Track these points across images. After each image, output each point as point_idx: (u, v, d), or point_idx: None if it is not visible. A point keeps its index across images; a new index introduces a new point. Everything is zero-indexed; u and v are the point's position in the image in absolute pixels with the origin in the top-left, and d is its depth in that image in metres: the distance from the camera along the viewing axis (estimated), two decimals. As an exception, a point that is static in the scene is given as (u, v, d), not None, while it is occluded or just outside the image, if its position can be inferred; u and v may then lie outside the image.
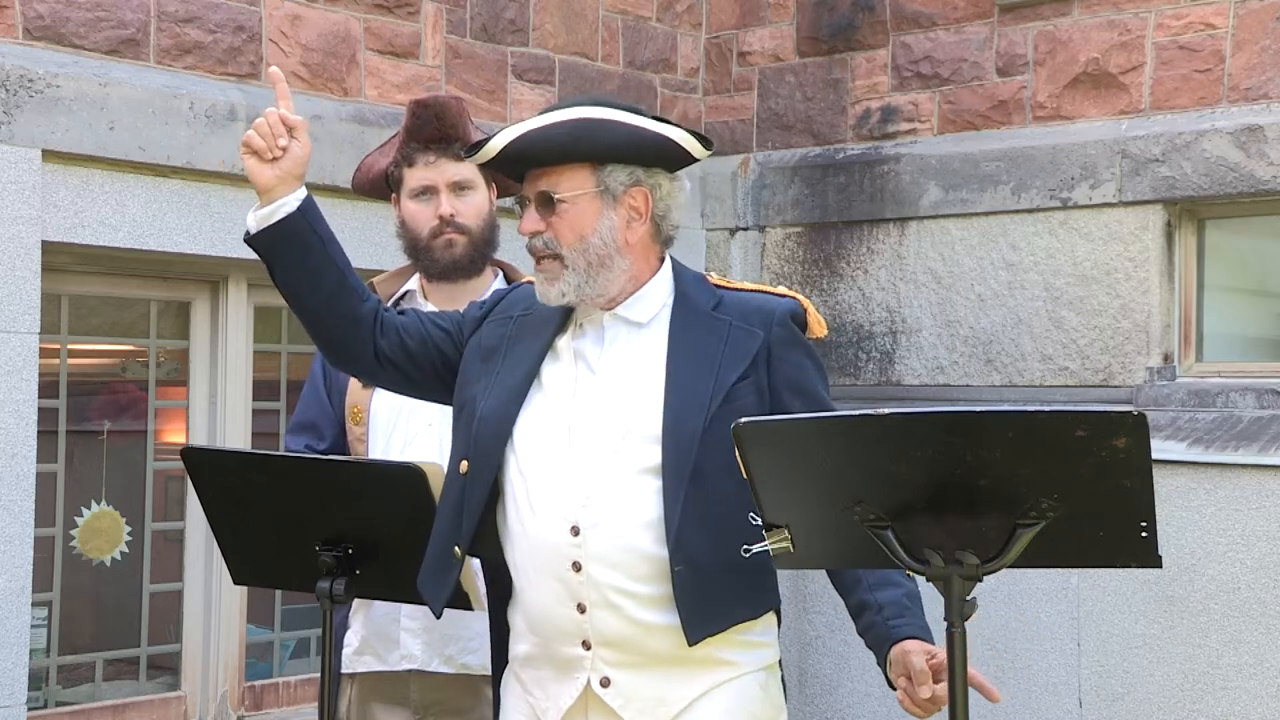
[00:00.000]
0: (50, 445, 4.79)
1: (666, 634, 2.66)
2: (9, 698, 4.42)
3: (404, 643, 3.32)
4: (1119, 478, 2.19)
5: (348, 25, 5.39)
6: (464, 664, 3.33)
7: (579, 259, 2.73)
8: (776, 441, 2.35)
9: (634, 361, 2.76)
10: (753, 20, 6.48)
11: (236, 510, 2.97)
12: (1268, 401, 5.17)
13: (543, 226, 2.74)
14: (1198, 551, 5.10)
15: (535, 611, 2.71)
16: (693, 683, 2.70)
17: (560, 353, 2.79)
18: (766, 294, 2.86)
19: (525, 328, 2.84)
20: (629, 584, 2.65)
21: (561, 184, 2.73)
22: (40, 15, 4.64)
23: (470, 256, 3.40)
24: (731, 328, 2.77)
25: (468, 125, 3.40)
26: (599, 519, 2.66)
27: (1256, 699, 4.99)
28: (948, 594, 2.29)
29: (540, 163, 2.73)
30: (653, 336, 2.77)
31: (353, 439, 3.40)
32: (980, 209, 5.78)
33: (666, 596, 2.65)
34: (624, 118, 2.73)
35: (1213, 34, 5.41)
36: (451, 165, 3.38)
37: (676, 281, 2.83)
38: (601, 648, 2.67)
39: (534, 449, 2.72)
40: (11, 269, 4.47)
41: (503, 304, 2.93)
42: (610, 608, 2.65)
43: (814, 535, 2.38)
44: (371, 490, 2.86)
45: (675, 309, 2.79)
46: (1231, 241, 5.56)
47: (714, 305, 2.80)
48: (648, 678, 2.68)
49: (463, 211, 3.38)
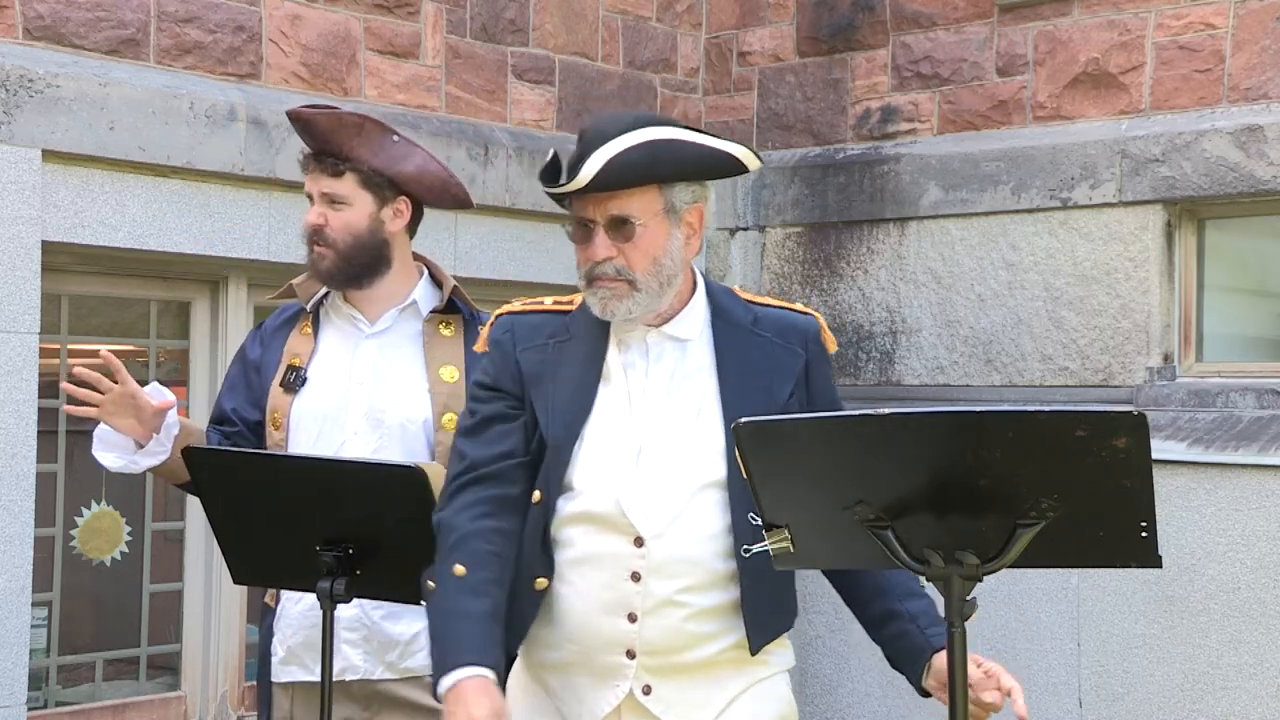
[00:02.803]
0: (50, 445, 4.79)
1: (714, 642, 2.71)
2: (9, 698, 4.42)
3: (344, 653, 3.30)
4: (1119, 478, 2.19)
5: (348, 25, 5.39)
6: (406, 668, 3.32)
7: (652, 282, 2.72)
8: (776, 441, 2.35)
9: (684, 377, 2.77)
10: (753, 20, 6.48)
11: (237, 510, 2.97)
12: (1268, 401, 5.17)
13: (614, 252, 2.70)
14: (1198, 551, 5.10)
15: (578, 620, 2.72)
16: (730, 685, 2.75)
17: (610, 371, 2.78)
18: (790, 310, 2.88)
19: (566, 352, 2.81)
20: (687, 595, 2.68)
21: (633, 207, 2.69)
22: (40, 15, 4.65)
23: (337, 269, 3.36)
24: (773, 345, 2.80)
25: (345, 141, 3.35)
26: (663, 530, 2.68)
27: (1256, 699, 4.99)
28: (948, 594, 2.29)
29: (616, 187, 2.69)
30: (697, 352, 2.79)
31: (271, 444, 3.38)
32: (980, 209, 5.78)
33: (720, 606, 2.70)
34: (688, 136, 2.73)
35: (1213, 34, 5.41)
36: (325, 178, 3.37)
37: (709, 295, 2.84)
38: (646, 656, 2.69)
39: (596, 465, 2.72)
40: (11, 269, 4.47)
41: (521, 332, 2.85)
42: (665, 617, 2.68)
43: (814, 535, 2.38)
44: (372, 490, 2.86)
45: (715, 324, 2.81)
46: (1231, 241, 5.56)
47: (752, 321, 2.82)
48: (689, 683, 2.72)
49: (331, 223, 3.36)
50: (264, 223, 5.06)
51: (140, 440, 3.25)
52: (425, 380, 3.37)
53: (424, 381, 3.37)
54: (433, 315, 3.44)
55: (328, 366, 3.40)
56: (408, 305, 3.43)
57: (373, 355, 3.40)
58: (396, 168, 3.40)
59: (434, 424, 3.34)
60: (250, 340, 3.54)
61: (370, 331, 3.42)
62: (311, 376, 3.39)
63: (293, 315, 3.50)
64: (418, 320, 3.44)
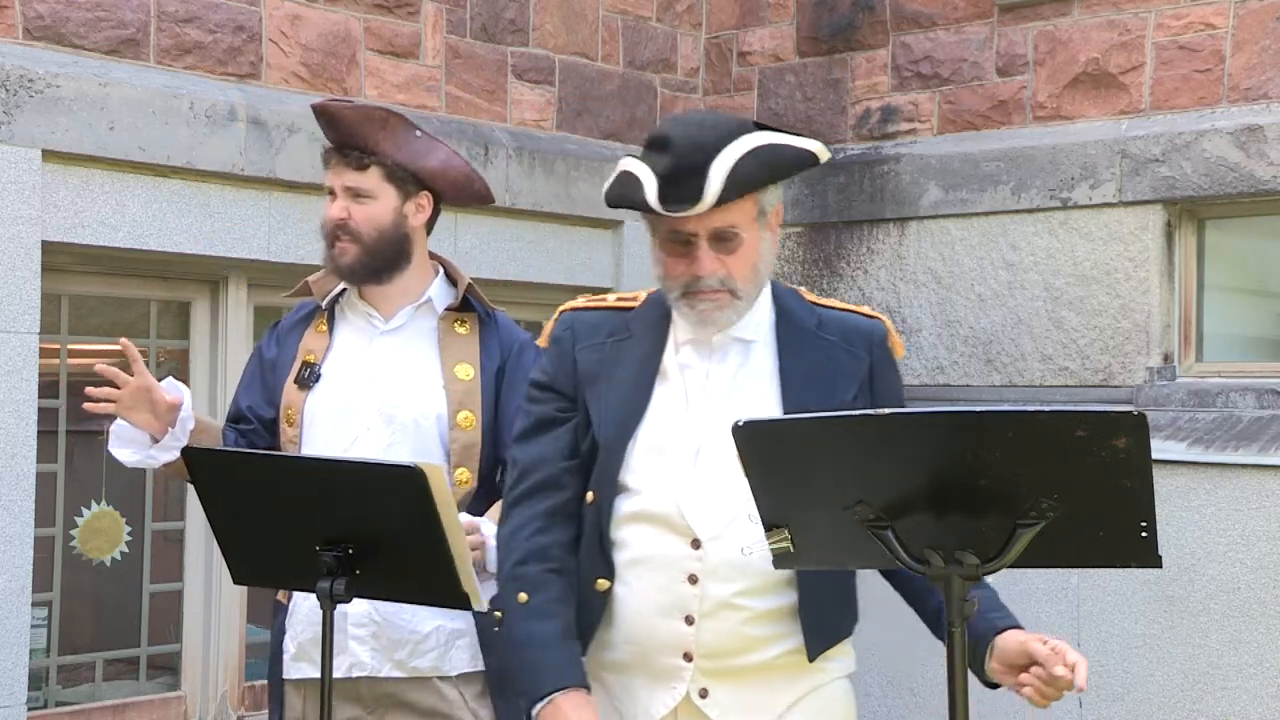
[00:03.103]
0: (50, 445, 4.79)
1: (772, 645, 2.69)
2: (9, 698, 4.42)
3: (352, 650, 3.30)
4: (1119, 478, 2.19)
5: (348, 25, 5.39)
6: (414, 667, 3.32)
7: (751, 289, 2.70)
8: (776, 441, 2.35)
9: (745, 378, 2.74)
10: (753, 20, 6.48)
11: (237, 510, 2.97)
12: (1268, 401, 5.17)
13: (718, 265, 2.66)
14: (1198, 551, 5.10)
15: (636, 622, 2.71)
16: (788, 690, 2.72)
17: (668, 372, 2.76)
18: (856, 313, 2.84)
19: (624, 351, 2.79)
20: (744, 598, 2.67)
21: (736, 218, 2.65)
22: (40, 15, 4.65)
23: (360, 264, 3.35)
24: (838, 349, 2.76)
25: (371, 134, 3.34)
26: (720, 532, 2.66)
27: (1256, 699, 4.99)
28: (948, 594, 2.29)
29: (727, 202, 2.62)
30: (760, 353, 2.76)
31: (285, 440, 3.38)
32: (980, 209, 5.79)
33: (778, 610, 2.68)
34: (775, 138, 2.68)
35: (1213, 34, 5.41)
36: (349, 172, 3.35)
37: (775, 297, 2.80)
38: (703, 659, 2.68)
39: (653, 466, 2.70)
40: (11, 269, 4.47)
41: (581, 329, 2.84)
42: (721, 620, 2.66)
43: (814, 535, 2.38)
44: (372, 490, 2.86)
45: (779, 326, 2.77)
46: (1231, 241, 5.56)
47: (816, 324, 2.78)
48: (746, 687, 2.70)
49: (355, 217, 3.34)
50: (264, 223, 5.06)
51: (156, 435, 3.25)
52: (440, 377, 3.36)
53: (439, 378, 3.36)
54: (447, 313, 3.43)
55: (342, 363, 3.39)
56: (423, 303, 3.42)
57: (387, 352, 3.39)
58: (420, 162, 3.39)
59: (448, 421, 3.33)
60: (266, 338, 3.52)
61: (385, 328, 3.41)
62: (325, 373, 3.38)
63: (308, 313, 3.49)
64: (433, 318, 3.43)
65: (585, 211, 5.96)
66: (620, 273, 6.12)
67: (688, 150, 2.61)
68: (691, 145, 2.61)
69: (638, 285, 6.29)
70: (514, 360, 3.42)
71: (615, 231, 6.13)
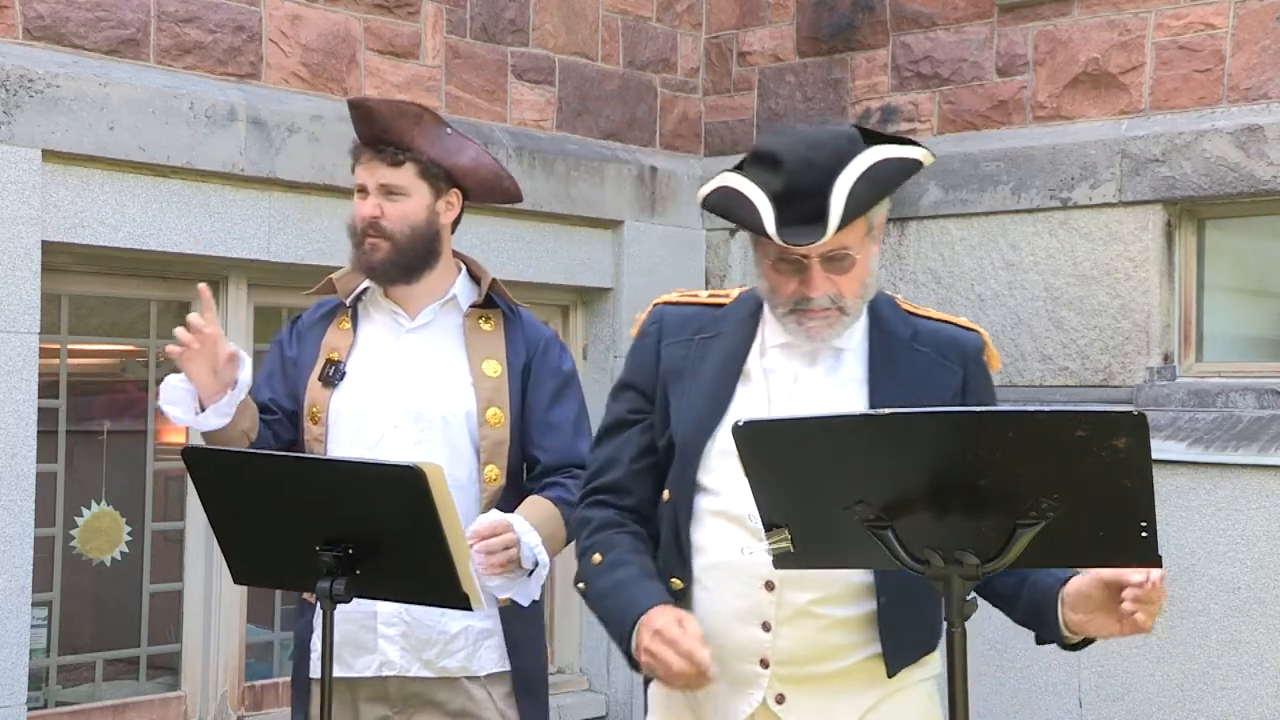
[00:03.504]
0: (50, 445, 4.79)
1: (851, 654, 2.66)
2: (9, 698, 4.42)
3: (382, 649, 3.30)
4: (1119, 478, 2.19)
5: (348, 25, 5.39)
6: (443, 667, 3.32)
7: (860, 304, 2.69)
8: (776, 441, 2.35)
9: (834, 386, 2.71)
10: (753, 20, 6.48)
11: (237, 510, 2.97)
12: (1268, 401, 5.17)
13: (830, 285, 2.64)
14: (1198, 551, 5.10)
15: (714, 627, 2.68)
16: (864, 696, 2.69)
17: (751, 374, 2.74)
18: (953, 325, 2.81)
19: (710, 349, 2.77)
20: (822, 605, 2.64)
21: (849, 239, 2.62)
22: (40, 15, 4.65)
23: (391, 262, 3.33)
24: (931, 361, 2.73)
25: (406, 130, 3.32)
26: None
27: (1256, 699, 4.99)
28: (947, 594, 2.29)
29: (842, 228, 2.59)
30: (850, 361, 2.73)
31: (310, 438, 3.36)
32: (980, 209, 5.78)
33: (856, 619, 2.65)
34: (887, 151, 2.63)
35: (1213, 34, 5.41)
36: (383, 168, 3.32)
37: (871, 305, 2.76)
38: (780, 666, 2.66)
39: (731, 468, 2.63)
40: (11, 269, 4.47)
41: (669, 325, 2.83)
42: (799, 627, 2.64)
43: (814, 535, 2.38)
44: (372, 490, 2.86)
45: (872, 334, 2.74)
46: (1231, 241, 5.56)
47: (911, 335, 2.75)
48: (823, 693, 2.67)
49: (389, 214, 3.32)
50: (264, 223, 5.06)
51: (203, 394, 3.21)
52: (469, 374, 3.35)
53: (467, 376, 3.35)
54: (472, 310, 3.41)
55: (367, 361, 3.37)
56: (448, 300, 3.41)
57: (414, 350, 3.38)
58: (453, 159, 3.37)
59: (478, 418, 3.32)
60: (286, 334, 3.50)
61: (411, 326, 3.40)
62: (350, 371, 3.36)
63: (329, 311, 3.47)
64: (458, 315, 3.42)
65: (585, 211, 5.96)
66: (620, 273, 6.12)
67: (801, 171, 2.57)
68: (805, 166, 2.57)
69: (638, 285, 6.32)
70: (539, 357, 3.42)
71: (615, 231, 6.13)
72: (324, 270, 5.22)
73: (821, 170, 2.56)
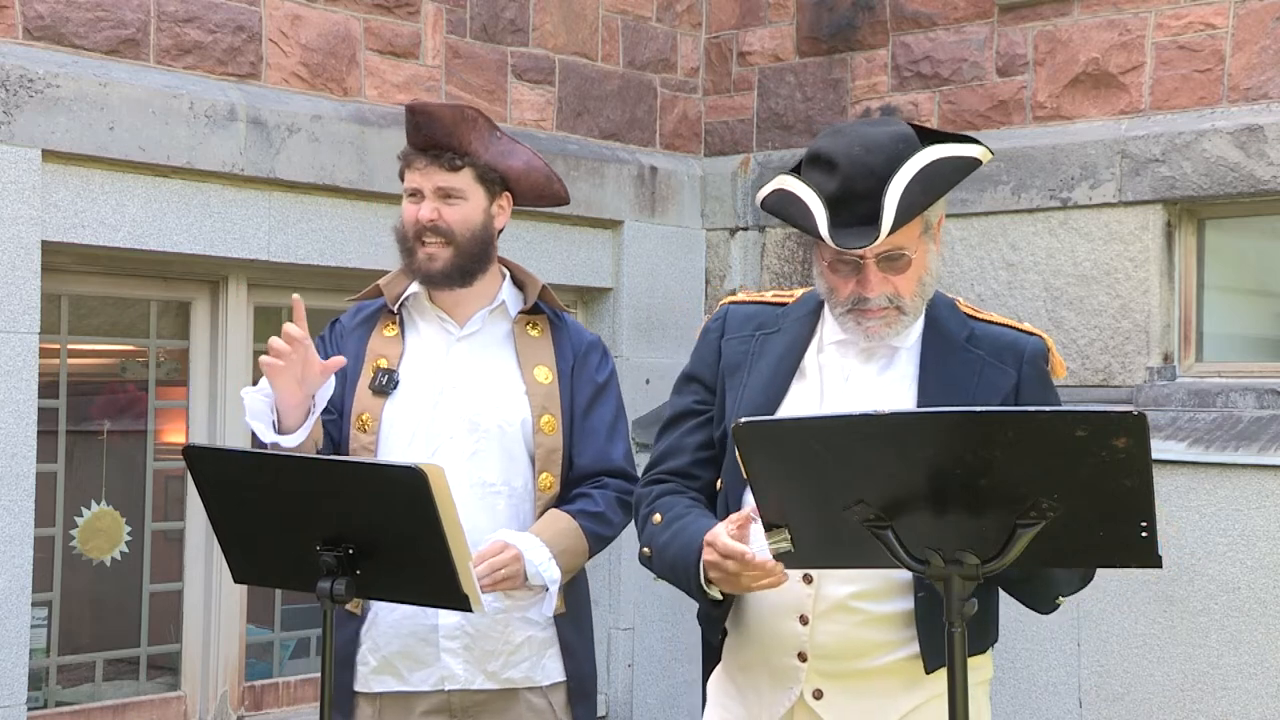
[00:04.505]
0: (50, 445, 4.79)
1: (889, 651, 2.67)
2: (9, 698, 4.42)
3: (444, 662, 3.25)
4: (1119, 478, 2.19)
5: (348, 25, 5.39)
6: (508, 678, 3.28)
7: (918, 302, 2.71)
8: (776, 441, 2.35)
9: (884, 384, 2.73)
10: (753, 20, 6.48)
11: (238, 509, 2.97)
12: (1268, 401, 5.17)
13: (887, 285, 2.67)
14: (1198, 551, 5.10)
15: (755, 621, 2.71)
16: (904, 697, 2.69)
17: (807, 370, 2.77)
18: (1014, 329, 2.82)
19: (770, 345, 2.81)
20: (860, 600, 2.65)
21: (905, 239, 2.65)
22: (40, 15, 4.64)
23: (453, 266, 3.30)
24: (984, 363, 2.74)
25: (465, 134, 3.29)
26: None
27: (1256, 699, 4.98)
28: (948, 594, 2.29)
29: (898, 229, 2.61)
30: (903, 361, 2.75)
31: (357, 446, 3.29)
32: (980, 209, 5.78)
33: (895, 615, 2.66)
34: (943, 151, 2.64)
35: (1213, 34, 5.41)
36: (440, 173, 3.29)
37: (929, 305, 2.78)
38: (817, 660, 2.67)
39: None
40: (11, 269, 4.47)
41: (733, 321, 2.88)
42: (836, 622, 2.66)
43: (814, 535, 2.38)
44: (372, 490, 2.86)
45: (927, 335, 2.76)
46: (1231, 241, 5.56)
47: (967, 337, 2.76)
48: (861, 691, 2.68)
49: (447, 216, 3.28)
50: (264, 223, 5.06)
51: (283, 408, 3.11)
52: (521, 382, 3.32)
53: (520, 383, 3.32)
54: (519, 316, 3.38)
55: (419, 369, 3.32)
56: (496, 306, 3.37)
57: (465, 358, 3.34)
58: (506, 163, 3.35)
59: (532, 426, 3.29)
60: (326, 337, 3.42)
61: (461, 334, 3.36)
62: (403, 379, 3.31)
63: (371, 315, 3.41)
64: (507, 321, 3.39)
65: (585, 211, 5.96)
66: (620, 273, 6.12)
67: (856, 174, 2.59)
68: (860, 169, 2.59)
69: (637, 285, 6.33)
70: (580, 361, 3.39)
71: (615, 231, 6.13)
72: (324, 270, 5.24)
73: (876, 173, 2.59)
